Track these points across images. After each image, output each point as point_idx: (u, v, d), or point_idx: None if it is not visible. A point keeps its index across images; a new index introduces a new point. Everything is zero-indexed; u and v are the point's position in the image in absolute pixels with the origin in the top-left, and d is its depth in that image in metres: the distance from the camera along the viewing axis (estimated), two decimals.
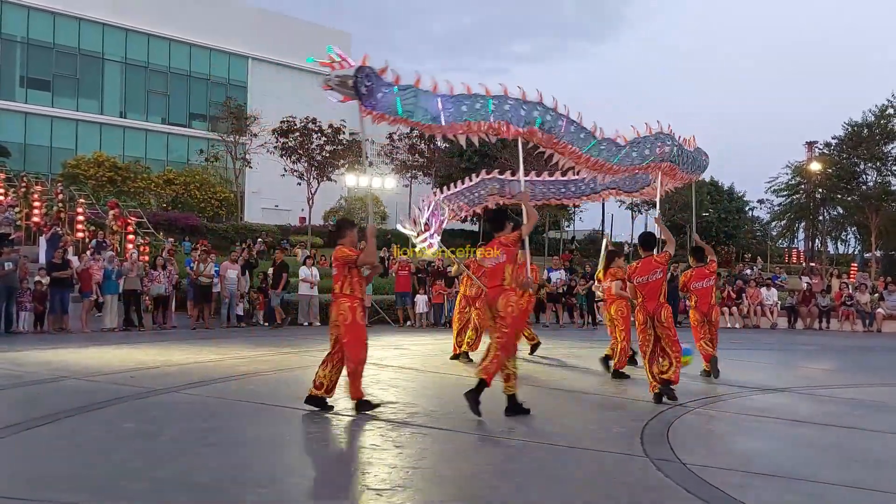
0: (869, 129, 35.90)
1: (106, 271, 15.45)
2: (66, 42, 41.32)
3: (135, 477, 4.95)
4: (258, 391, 8.44)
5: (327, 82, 7.49)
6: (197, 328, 15.82)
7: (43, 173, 35.21)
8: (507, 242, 7.53)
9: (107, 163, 32.81)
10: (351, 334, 7.35)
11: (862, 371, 12.73)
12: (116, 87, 43.50)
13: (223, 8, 46.19)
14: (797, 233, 45.29)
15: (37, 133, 40.59)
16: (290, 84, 47.55)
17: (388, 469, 5.36)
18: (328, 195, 39.27)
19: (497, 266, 7.48)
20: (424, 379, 9.82)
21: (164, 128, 44.92)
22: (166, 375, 9.30)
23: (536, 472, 5.50)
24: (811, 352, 15.71)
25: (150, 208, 30.03)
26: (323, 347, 12.84)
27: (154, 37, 43.93)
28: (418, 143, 39.78)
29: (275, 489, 4.82)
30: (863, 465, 6.01)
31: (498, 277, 7.46)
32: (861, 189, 36.46)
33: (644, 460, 5.79)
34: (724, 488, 5.04)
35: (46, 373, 9.29)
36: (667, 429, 6.89)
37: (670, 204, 38.78)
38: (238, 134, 34.15)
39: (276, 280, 17.20)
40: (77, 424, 6.57)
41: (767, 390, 9.62)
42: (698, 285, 10.47)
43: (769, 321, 21.44)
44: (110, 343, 12.88)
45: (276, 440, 6.23)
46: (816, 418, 7.82)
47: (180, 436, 6.22)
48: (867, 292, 22.26)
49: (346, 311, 7.35)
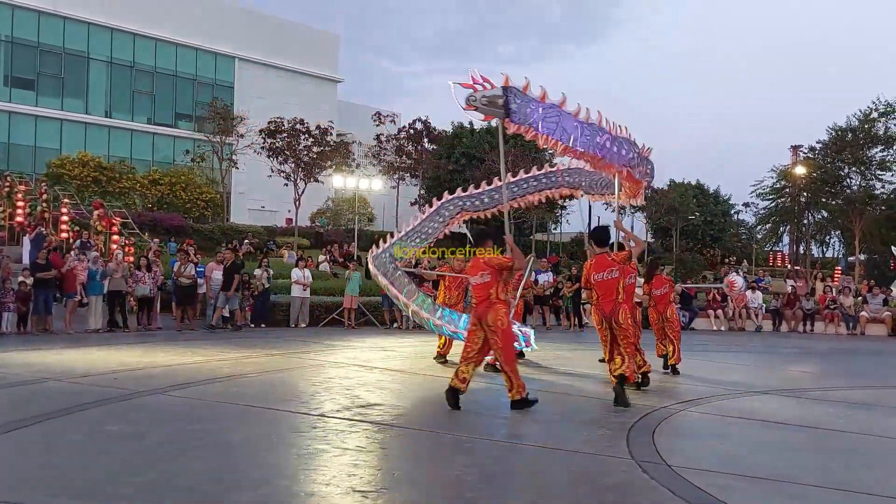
0: (853, 134, 36.18)
1: (90, 272, 15.34)
2: (51, 41, 40.99)
3: (119, 480, 4.92)
4: (244, 393, 8.41)
5: (471, 103, 7.96)
6: (182, 329, 15.74)
7: (27, 173, 34.95)
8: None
9: (92, 163, 32.57)
10: (506, 339, 7.70)
11: (845, 374, 12.84)
12: (102, 87, 43.22)
13: (210, 8, 46.00)
14: (782, 236, 45.58)
15: (21, 132, 40.26)
16: (277, 85, 47.46)
17: (373, 471, 5.36)
18: (315, 196, 39.21)
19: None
20: (410, 381, 9.81)
21: (150, 128, 44.67)
22: (151, 377, 9.24)
23: (521, 474, 5.50)
24: (795, 354, 15.80)
25: (135, 209, 29.82)
26: (310, 349, 12.87)
27: (140, 36, 43.66)
28: (406, 144, 39.82)
29: (261, 491, 4.80)
30: (845, 466, 6.06)
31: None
32: (845, 193, 36.74)
33: (629, 462, 5.81)
34: (708, 490, 5.07)
35: (29, 374, 9.22)
36: (652, 431, 6.92)
37: (656, 207, 39.01)
38: (224, 134, 34.01)
39: (227, 282, 16.38)
40: (60, 427, 6.52)
41: (752, 392, 9.67)
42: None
43: (754, 324, 21.57)
44: (94, 344, 12.78)
45: (263, 442, 6.21)
46: (800, 420, 7.87)
47: (165, 438, 6.18)
48: (851, 295, 22.43)
49: (503, 317, 7.67)
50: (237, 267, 16.76)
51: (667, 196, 40.45)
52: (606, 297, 8.52)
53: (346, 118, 46.14)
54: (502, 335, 7.62)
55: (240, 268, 16.73)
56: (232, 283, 16.33)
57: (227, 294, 16.31)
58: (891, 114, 35.84)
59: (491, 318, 7.61)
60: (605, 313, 8.52)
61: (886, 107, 35.82)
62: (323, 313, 18.36)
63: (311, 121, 32.37)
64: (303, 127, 31.66)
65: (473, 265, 8.15)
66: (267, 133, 31.52)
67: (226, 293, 16.28)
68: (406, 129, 40.28)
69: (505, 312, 7.75)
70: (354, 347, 13.54)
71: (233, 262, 16.80)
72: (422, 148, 40.32)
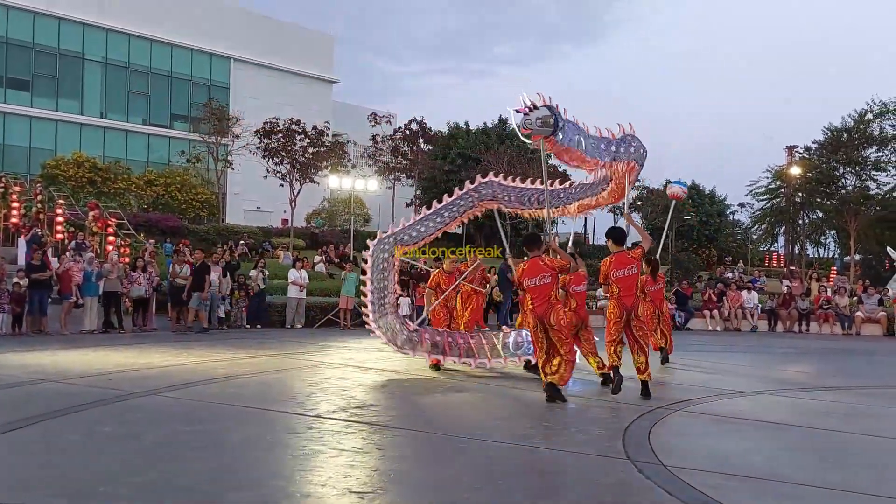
0: (848, 134, 36.26)
1: (86, 273, 15.30)
2: (46, 42, 40.96)
3: (115, 481, 4.91)
4: (240, 394, 8.41)
5: (527, 126, 8.26)
6: (177, 330, 15.71)
7: (22, 174, 34.89)
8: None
9: (87, 163, 32.54)
10: (568, 335, 8.60)
11: (840, 374, 12.86)
12: (97, 88, 43.17)
13: (205, 9, 45.97)
14: (777, 236, 45.64)
15: (15, 133, 40.21)
16: (273, 85, 47.43)
17: (369, 472, 5.36)
18: (311, 197, 39.20)
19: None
20: (406, 382, 9.81)
21: (145, 128, 44.63)
22: (146, 378, 9.24)
23: (518, 474, 5.51)
24: (790, 355, 15.84)
25: (130, 209, 29.76)
26: (306, 350, 12.87)
27: (135, 37, 43.66)
28: (401, 145, 39.84)
29: (257, 492, 4.80)
30: (839, 466, 6.08)
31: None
32: (840, 193, 36.81)
33: (625, 462, 5.82)
34: (703, 489, 5.08)
35: (24, 375, 9.20)
36: (648, 431, 6.94)
37: (652, 207, 39.05)
38: (220, 135, 33.98)
39: (197, 282, 15.96)
40: (57, 428, 6.51)
41: (747, 393, 9.70)
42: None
43: (749, 324, 21.60)
44: (90, 345, 12.76)
45: (259, 443, 6.21)
46: (794, 420, 7.89)
47: (162, 439, 6.18)
48: (846, 295, 22.49)
49: (564, 315, 8.62)
50: (207, 267, 16.45)
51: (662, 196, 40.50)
52: (627, 291, 8.81)
53: (342, 119, 46.17)
54: (566, 332, 8.51)
55: (209, 268, 16.55)
56: (203, 283, 15.93)
57: (202, 295, 15.91)
58: (886, 114, 35.94)
59: (553, 319, 8.32)
60: (626, 307, 8.80)
61: (881, 107, 35.93)
62: (319, 314, 18.35)
63: (307, 121, 32.36)
64: (298, 127, 31.66)
65: (531, 268, 8.48)
66: (262, 134, 31.51)
67: (199, 294, 15.91)
68: (402, 130, 40.30)
69: (564, 311, 8.72)
70: (350, 348, 13.54)
71: (202, 262, 16.47)
72: (417, 148, 40.35)
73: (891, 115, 35.84)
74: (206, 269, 16.35)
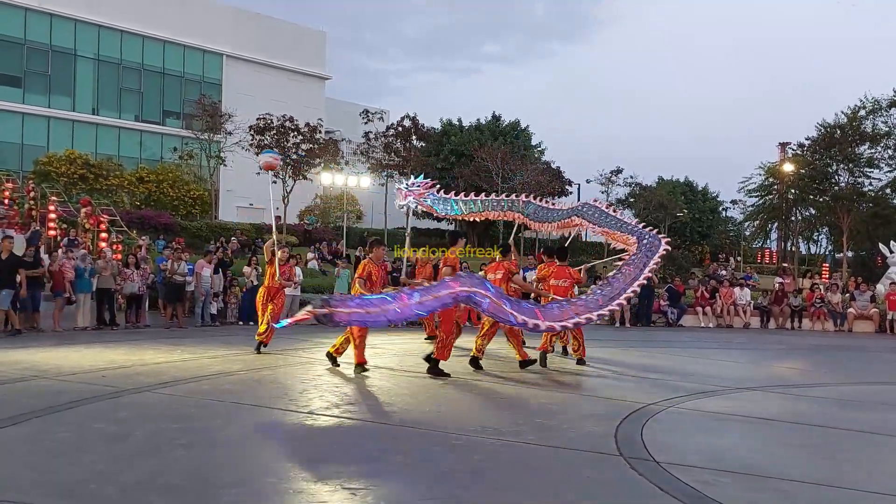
0: (841, 131, 36.33)
1: (79, 269, 15.24)
2: (38, 38, 40.69)
3: (105, 479, 4.90)
4: (232, 390, 8.39)
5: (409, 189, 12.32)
6: (171, 327, 15.68)
7: (14, 170, 34.67)
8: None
9: (79, 160, 32.34)
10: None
11: (832, 370, 12.91)
12: (89, 84, 42.93)
13: (197, 5, 45.79)
14: (770, 233, 45.76)
15: (7, 130, 39.96)
16: (265, 82, 47.28)
17: (362, 468, 5.36)
18: (304, 194, 39.11)
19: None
20: (399, 378, 9.80)
21: (138, 125, 44.42)
22: (139, 375, 9.21)
23: (511, 471, 5.52)
24: (783, 351, 15.89)
25: (123, 206, 29.64)
26: (298, 347, 12.85)
27: (127, 33, 43.41)
28: (394, 141, 39.78)
29: (249, 489, 4.80)
30: (831, 462, 6.11)
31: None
32: (833, 190, 36.87)
33: (618, 459, 5.84)
34: (696, 486, 5.10)
35: (16, 372, 9.16)
36: (640, 427, 6.95)
37: (645, 203, 39.14)
38: (212, 132, 33.86)
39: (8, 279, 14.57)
40: (46, 425, 6.49)
41: (739, 389, 9.73)
42: (557, 283, 11.31)
43: (742, 321, 21.65)
44: (82, 342, 12.71)
45: (250, 440, 6.20)
46: (786, 417, 7.93)
47: (152, 436, 6.16)
48: (838, 292, 22.56)
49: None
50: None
51: (655, 193, 40.62)
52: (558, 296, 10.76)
53: (334, 116, 46.05)
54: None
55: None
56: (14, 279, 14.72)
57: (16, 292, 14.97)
58: (878, 111, 36.03)
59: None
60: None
61: (874, 104, 36.01)
62: None
63: (299, 118, 32.28)
64: (291, 124, 31.57)
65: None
66: (255, 130, 31.41)
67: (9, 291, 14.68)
68: (395, 127, 40.24)
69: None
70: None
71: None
72: (410, 145, 40.30)
73: (883, 111, 35.95)
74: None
